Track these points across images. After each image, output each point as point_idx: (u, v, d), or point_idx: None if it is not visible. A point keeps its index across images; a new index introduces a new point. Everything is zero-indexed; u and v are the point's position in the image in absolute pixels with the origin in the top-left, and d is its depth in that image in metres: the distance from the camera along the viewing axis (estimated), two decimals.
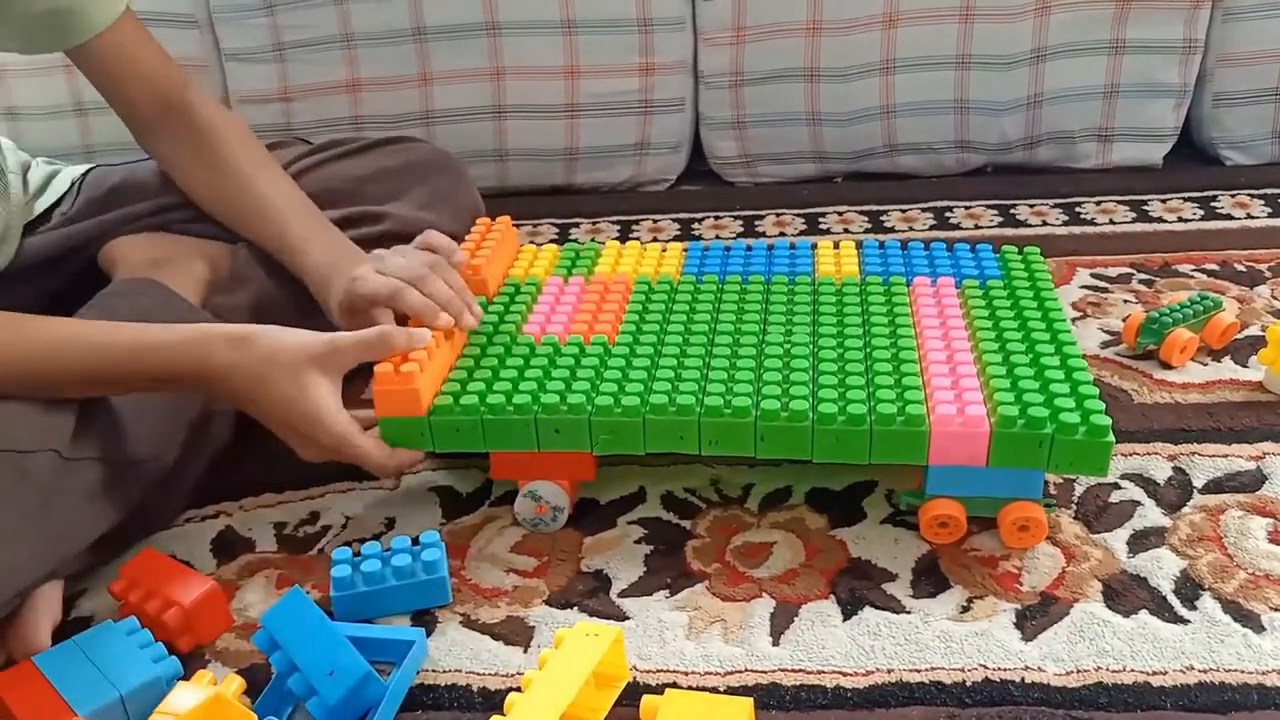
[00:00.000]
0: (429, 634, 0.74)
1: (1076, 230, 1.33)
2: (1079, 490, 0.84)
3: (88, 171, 1.06)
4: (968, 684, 0.67)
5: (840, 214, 1.42)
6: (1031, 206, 1.40)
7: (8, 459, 0.69)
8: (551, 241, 1.38)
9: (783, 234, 1.37)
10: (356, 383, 1.02)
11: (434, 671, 0.71)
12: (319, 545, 0.84)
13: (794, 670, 0.69)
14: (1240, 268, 1.20)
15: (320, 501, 0.89)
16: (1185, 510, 0.81)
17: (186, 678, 0.67)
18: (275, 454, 0.92)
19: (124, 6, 0.94)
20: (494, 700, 0.68)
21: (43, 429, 0.72)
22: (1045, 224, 1.35)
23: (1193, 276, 1.18)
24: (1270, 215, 1.33)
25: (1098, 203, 1.40)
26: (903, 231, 1.36)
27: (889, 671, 0.68)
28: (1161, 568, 0.76)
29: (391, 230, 1.03)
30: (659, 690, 0.67)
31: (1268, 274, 1.18)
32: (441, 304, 0.85)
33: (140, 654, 0.68)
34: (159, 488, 0.82)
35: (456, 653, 0.72)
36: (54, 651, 0.68)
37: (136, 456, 0.78)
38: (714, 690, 0.68)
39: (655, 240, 1.34)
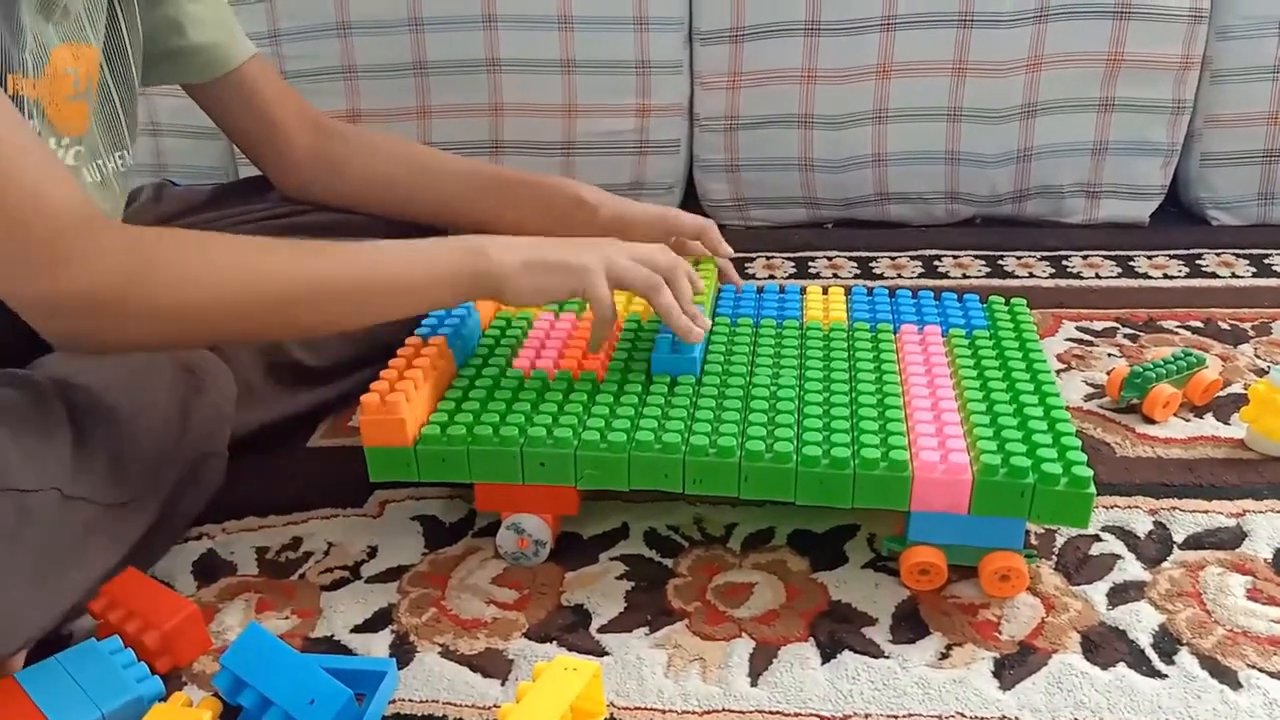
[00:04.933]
0: (407, 664, 0.73)
1: (1063, 283, 1.34)
2: (1060, 541, 0.84)
3: None
4: None
5: (830, 259, 1.43)
6: (1019, 258, 1.42)
7: (9, 498, 0.68)
8: None
9: (772, 277, 1.39)
10: (344, 412, 1.04)
11: (410, 701, 0.70)
12: (300, 570, 0.84)
13: (771, 712, 0.69)
14: (1224, 326, 1.21)
15: (303, 527, 0.89)
16: (1165, 565, 0.82)
17: (165, 699, 0.67)
18: (260, 478, 0.93)
19: (253, 49, 1.02)
20: None
21: (42, 466, 0.71)
22: (1032, 276, 1.36)
23: (1177, 333, 1.20)
24: (1255, 275, 1.35)
25: (1084, 257, 1.42)
26: (891, 279, 1.37)
27: (866, 716, 0.68)
28: (1140, 621, 0.76)
29: None
30: None
31: (1251, 333, 1.19)
32: (682, 307, 0.87)
33: (123, 673, 0.67)
34: (149, 532, 0.80)
35: (434, 683, 0.72)
36: (36, 668, 0.68)
37: (124, 499, 0.77)
38: None
39: None
